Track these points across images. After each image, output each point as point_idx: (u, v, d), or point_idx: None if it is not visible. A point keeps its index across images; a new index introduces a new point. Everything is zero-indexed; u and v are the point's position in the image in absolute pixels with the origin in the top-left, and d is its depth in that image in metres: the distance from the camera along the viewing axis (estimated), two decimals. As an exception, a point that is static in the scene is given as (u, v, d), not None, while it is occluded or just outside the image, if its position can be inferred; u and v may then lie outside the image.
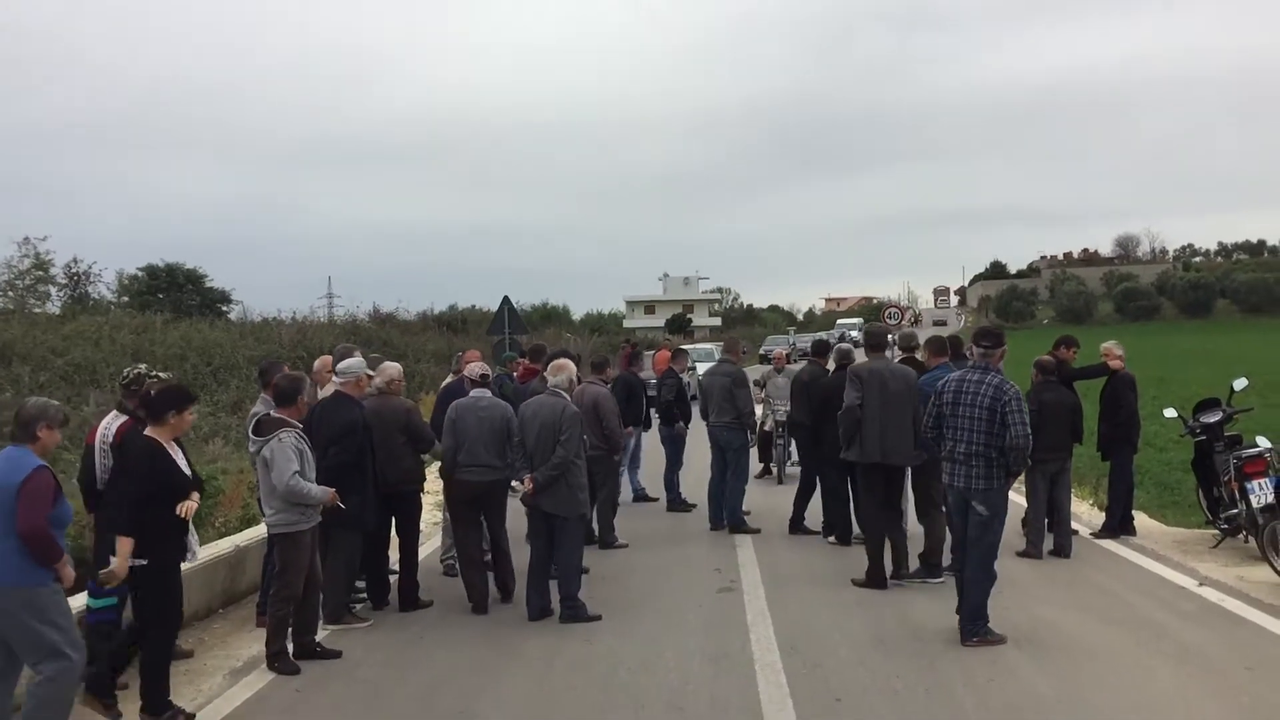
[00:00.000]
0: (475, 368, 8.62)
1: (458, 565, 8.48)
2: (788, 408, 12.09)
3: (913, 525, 9.21)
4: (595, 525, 10.22)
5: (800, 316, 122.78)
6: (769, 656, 6.70)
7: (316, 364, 8.95)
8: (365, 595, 8.26)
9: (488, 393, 8.34)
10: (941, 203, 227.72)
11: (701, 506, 11.62)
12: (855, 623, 7.48)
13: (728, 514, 11.04)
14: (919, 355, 10.02)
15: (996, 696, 5.90)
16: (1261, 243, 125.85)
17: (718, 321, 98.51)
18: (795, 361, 18.13)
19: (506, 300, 21.82)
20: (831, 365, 10.95)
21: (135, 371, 7.03)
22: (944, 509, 8.20)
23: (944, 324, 76.29)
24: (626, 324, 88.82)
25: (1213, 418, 10.03)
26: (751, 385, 12.19)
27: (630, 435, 12.03)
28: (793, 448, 13.12)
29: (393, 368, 8.42)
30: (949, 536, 7.94)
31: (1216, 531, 9.86)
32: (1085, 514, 11.13)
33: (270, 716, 5.99)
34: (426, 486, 8.84)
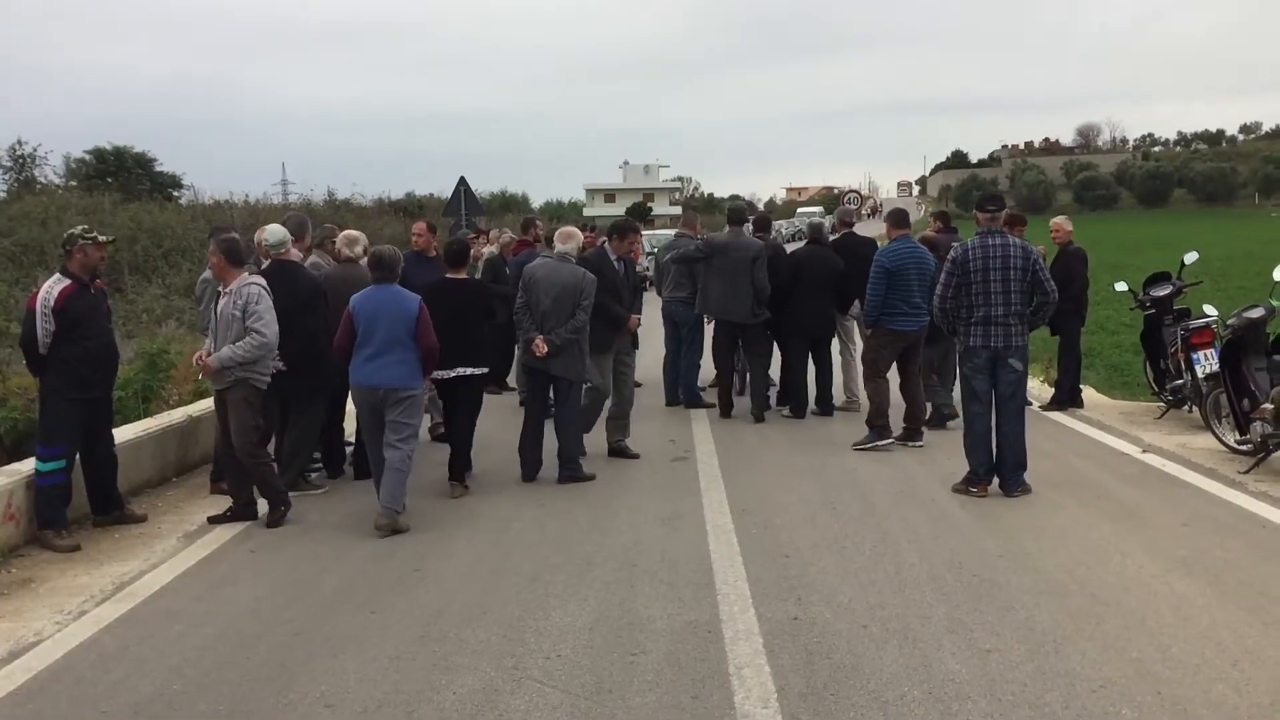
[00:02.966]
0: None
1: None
2: None
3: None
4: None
5: (761, 205, 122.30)
6: (720, 518, 6.80)
7: (256, 235, 8.73)
8: (320, 464, 8.25)
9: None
10: (905, 91, 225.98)
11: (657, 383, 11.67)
12: (807, 488, 7.59)
13: (683, 390, 11.10)
14: (859, 231, 11.00)
15: (940, 552, 6.04)
16: (1220, 132, 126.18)
17: (678, 210, 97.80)
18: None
19: (463, 181, 21.50)
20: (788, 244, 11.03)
21: (69, 233, 6.86)
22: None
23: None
24: (586, 212, 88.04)
25: (1163, 291, 10.14)
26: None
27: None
28: None
29: (355, 234, 8.31)
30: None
31: (1162, 403, 10.06)
32: (1035, 389, 11.29)
33: (223, 574, 6.01)
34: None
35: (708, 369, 11.40)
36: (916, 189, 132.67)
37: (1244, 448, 7.94)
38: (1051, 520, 6.67)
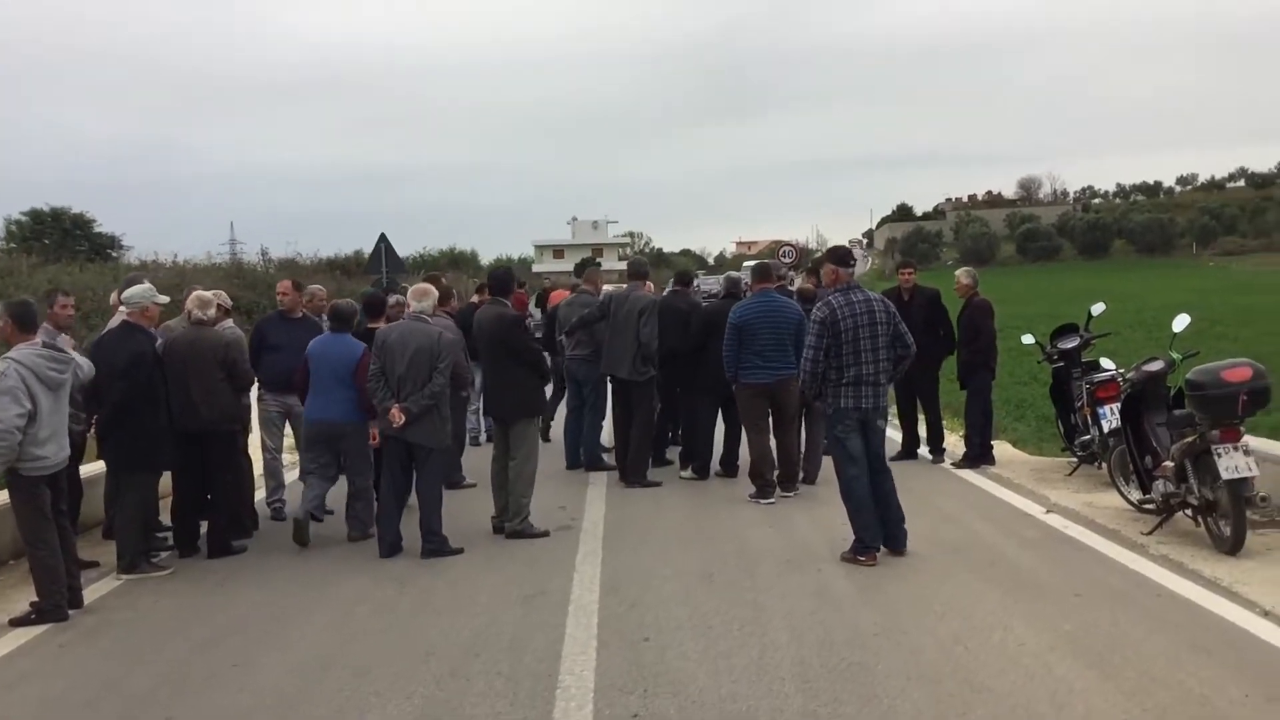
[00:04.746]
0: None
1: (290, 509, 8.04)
2: None
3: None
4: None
5: (711, 260, 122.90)
6: (587, 596, 6.32)
7: (112, 298, 8.22)
8: (172, 543, 7.69)
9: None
10: (852, 147, 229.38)
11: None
12: (690, 558, 7.13)
13: (584, 451, 10.63)
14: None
15: (814, 630, 5.59)
16: (1157, 184, 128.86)
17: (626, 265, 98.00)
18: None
19: (383, 238, 21.00)
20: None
21: None
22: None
23: None
24: (535, 269, 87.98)
25: (1070, 344, 9.86)
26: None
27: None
28: None
29: (208, 295, 7.79)
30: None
31: (1073, 459, 9.74)
32: (950, 444, 10.94)
33: (25, 670, 5.43)
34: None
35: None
36: (864, 241, 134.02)
37: (1148, 507, 7.60)
38: (939, 591, 6.25)
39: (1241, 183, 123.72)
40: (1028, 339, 10.66)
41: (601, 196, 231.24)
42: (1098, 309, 10.17)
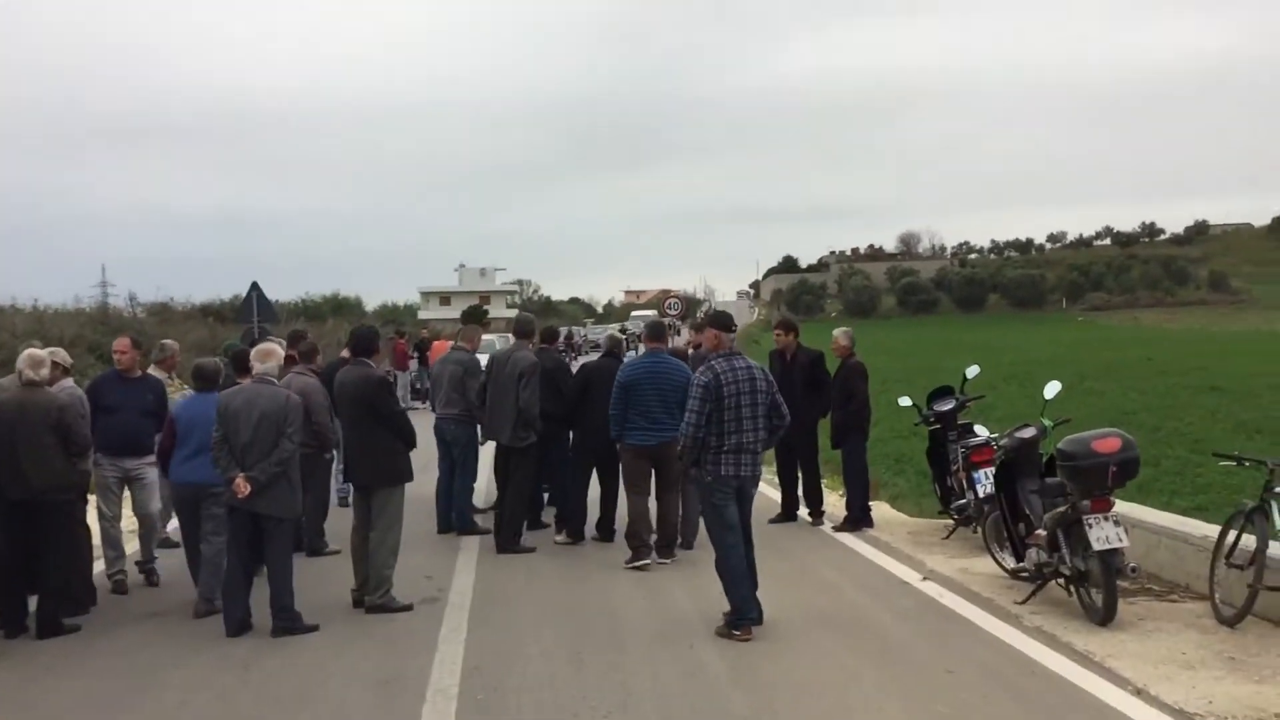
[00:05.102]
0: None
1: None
2: None
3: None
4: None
5: (600, 309, 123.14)
6: (447, 680, 5.95)
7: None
8: (-3, 622, 7.07)
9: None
10: (737, 199, 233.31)
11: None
12: (560, 634, 6.83)
13: (456, 515, 10.23)
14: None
15: (685, 716, 5.33)
16: (1029, 241, 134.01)
17: (515, 313, 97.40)
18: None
19: (255, 286, 20.36)
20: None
21: None
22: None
23: None
24: (421, 315, 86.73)
25: (946, 406, 9.89)
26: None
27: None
28: None
29: (41, 354, 7.23)
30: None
31: (950, 522, 9.73)
32: (830, 504, 10.86)
33: None
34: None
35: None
36: (751, 292, 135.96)
37: (1022, 575, 7.56)
38: (813, 670, 6.06)
39: (1108, 241, 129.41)
40: (905, 401, 10.67)
41: (489, 245, 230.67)
42: (972, 372, 10.24)
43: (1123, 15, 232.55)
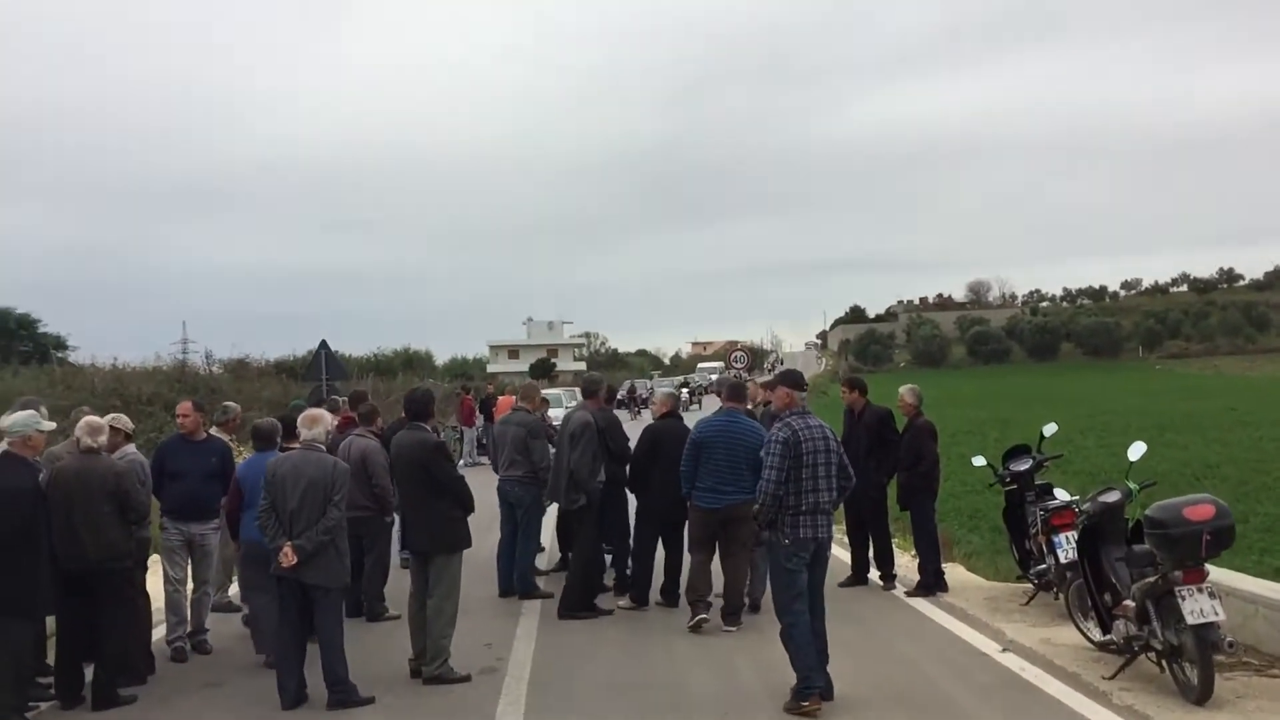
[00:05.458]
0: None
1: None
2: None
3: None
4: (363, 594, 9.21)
5: (666, 360, 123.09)
6: (504, 758, 5.74)
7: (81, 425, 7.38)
8: (54, 692, 7.00)
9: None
10: (804, 250, 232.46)
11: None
12: (621, 707, 6.60)
13: (518, 578, 10.04)
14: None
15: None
16: (1102, 288, 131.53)
17: (583, 366, 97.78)
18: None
19: (324, 345, 20.49)
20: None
21: None
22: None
23: None
24: (490, 369, 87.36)
25: (1022, 466, 9.51)
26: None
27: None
28: None
29: (98, 421, 7.21)
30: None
31: (1029, 586, 9.32)
32: (902, 566, 10.48)
33: None
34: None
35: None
36: (819, 343, 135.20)
37: (1110, 648, 7.15)
38: (888, 752, 5.74)
39: (1184, 288, 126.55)
40: (979, 461, 10.29)
41: (557, 298, 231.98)
42: (1050, 430, 9.84)
43: (1196, 57, 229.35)
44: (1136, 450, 8.13)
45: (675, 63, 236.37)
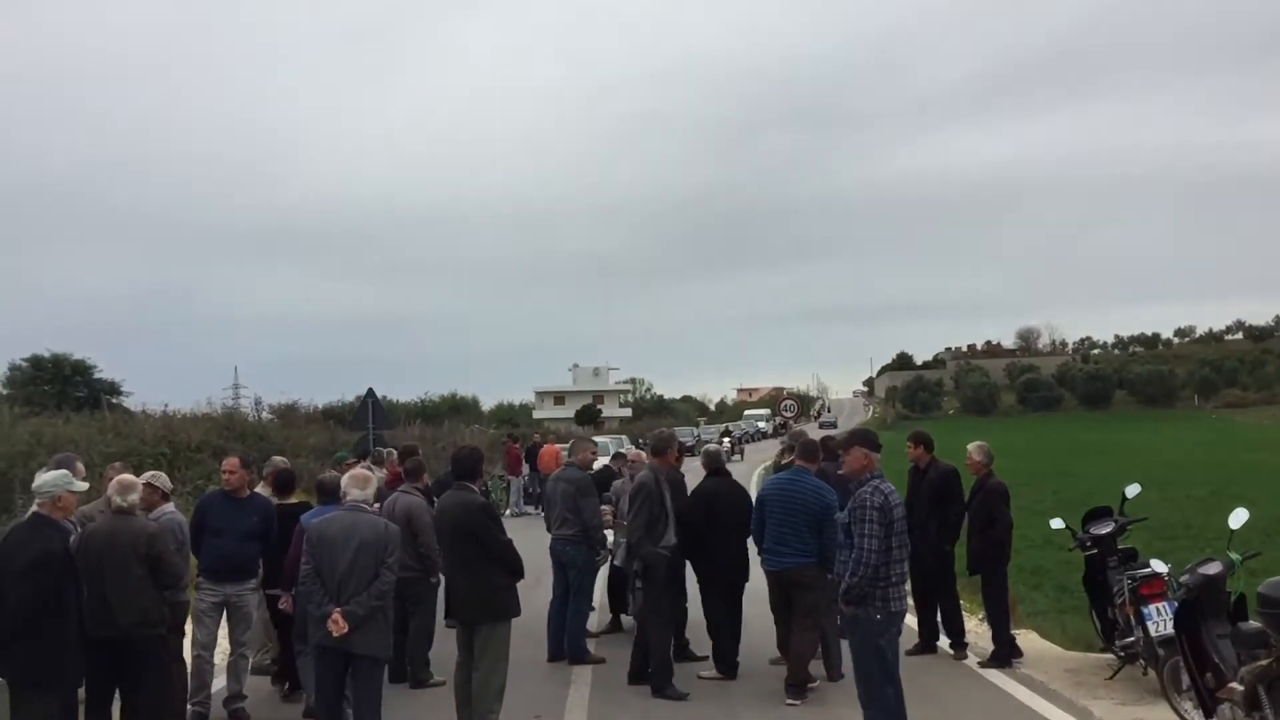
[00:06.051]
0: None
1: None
2: None
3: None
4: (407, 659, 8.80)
5: (712, 407, 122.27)
6: None
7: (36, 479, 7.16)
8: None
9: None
10: (850, 296, 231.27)
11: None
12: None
13: (568, 642, 9.59)
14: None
15: None
16: (1156, 336, 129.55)
17: (628, 412, 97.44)
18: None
19: (371, 393, 20.32)
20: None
21: None
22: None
23: (832, 425, 75.67)
24: (536, 415, 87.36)
25: (1104, 529, 8.95)
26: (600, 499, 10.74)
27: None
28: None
29: (131, 479, 6.91)
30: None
31: (1113, 659, 8.73)
32: (974, 633, 9.92)
33: None
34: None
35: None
36: (866, 390, 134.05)
37: (1212, 732, 6.57)
38: None
39: (1240, 335, 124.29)
40: (1057, 523, 9.72)
41: (602, 343, 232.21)
42: (1132, 491, 9.29)
43: (1248, 103, 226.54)
44: (1238, 518, 7.55)
45: (720, 107, 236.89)
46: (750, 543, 8.78)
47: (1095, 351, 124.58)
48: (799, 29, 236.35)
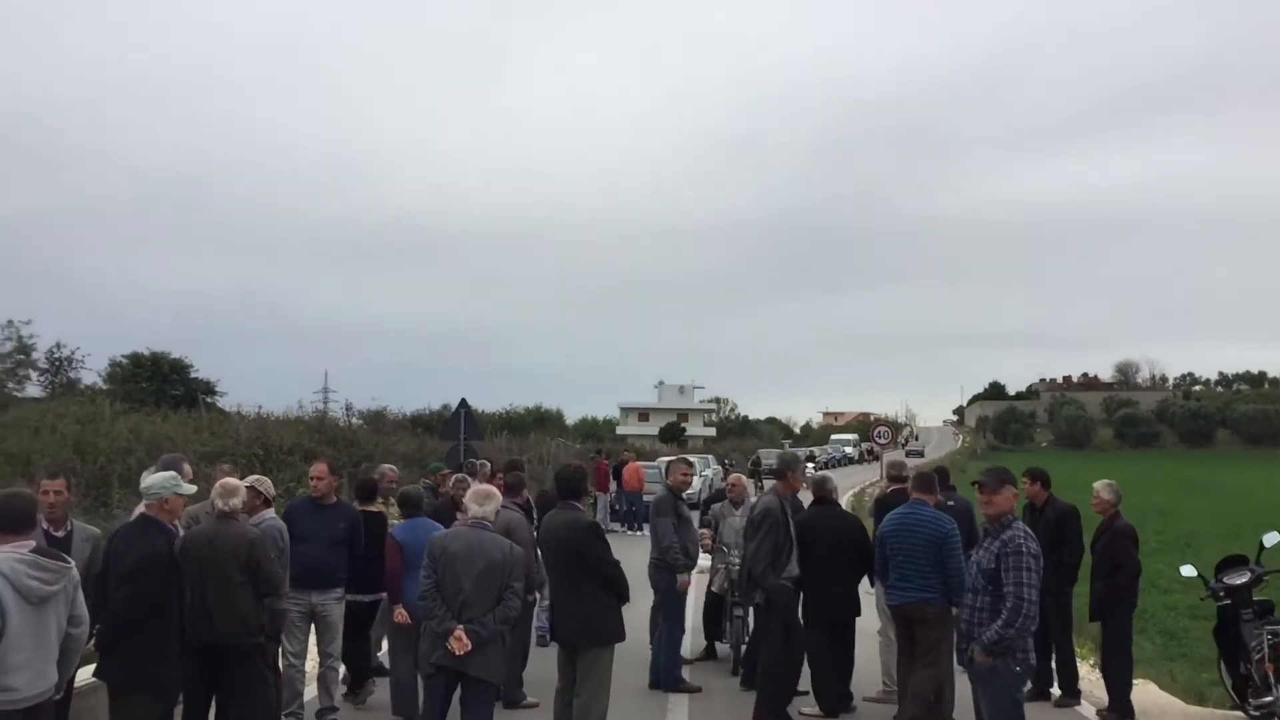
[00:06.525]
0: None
1: None
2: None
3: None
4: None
5: (797, 429, 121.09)
6: None
7: (142, 478, 7.26)
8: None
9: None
10: (941, 322, 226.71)
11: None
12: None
13: (661, 669, 9.27)
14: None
15: None
16: (1262, 374, 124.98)
17: (712, 432, 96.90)
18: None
19: (464, 404, 20.28)
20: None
21: None
22: None
23: (919, 454, 74.28)
24: (620, 430, 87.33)
25: (1239, 579, 8.41)
26: (697, 523, 10.39)
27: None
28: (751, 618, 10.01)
29: (234, 482, 6.81)
30: None
31: (1244, 717, 8.19)
32: (1087, 679, 9.42)
33: None
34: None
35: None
36: (955, 419, 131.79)
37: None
38: None
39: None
40: (1188, 571, 9.19)
41: (686, 362, 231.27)
42: (1271, 540, 8.72)
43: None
44: (1271, 539, 7.11)
45: (817, 128, 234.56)
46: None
47: (1197, 388, 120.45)
48: (900, 52, 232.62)
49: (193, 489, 6.36)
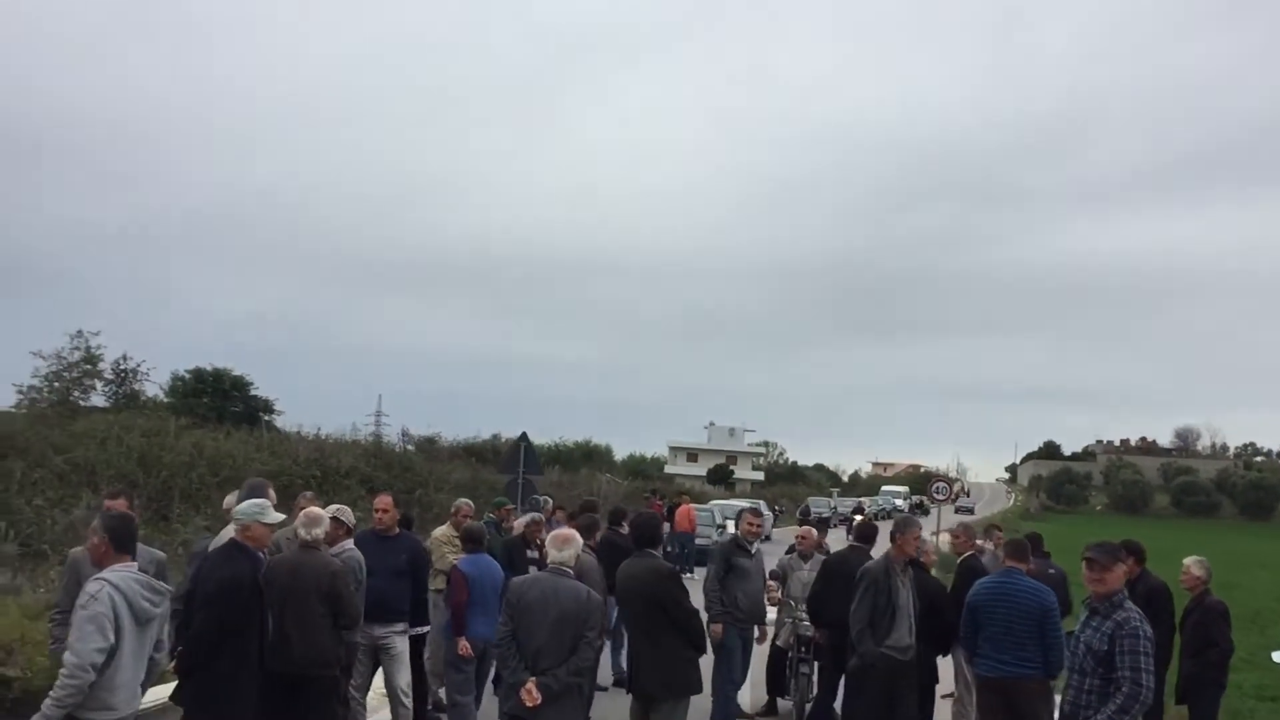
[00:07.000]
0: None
1: None
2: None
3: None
4: None
5: (845, 478, 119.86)
6: None
7: (227, 500, 7.40)
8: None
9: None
10: (997, 377, 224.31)
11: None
12: None
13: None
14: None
15: None
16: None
17: (760, 476, 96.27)
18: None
19: (524, 437, 20.27)
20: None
21: None
22: None
23: (969, 510, 72.81)
24: (668, 469, 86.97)
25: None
26: (767, 576, 10.23)
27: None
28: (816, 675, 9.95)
29: (318, 512, 6.86)
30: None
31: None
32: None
33: None
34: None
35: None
36: (1007, 477, 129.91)
37: None
38: None
39: None
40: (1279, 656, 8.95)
41: (736, 403, 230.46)
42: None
43: None
44: None
45: (874, 175, 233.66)
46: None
47: (1259, 459, 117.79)
48: (961, 101, 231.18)
49: (279, 518, 6.41)
